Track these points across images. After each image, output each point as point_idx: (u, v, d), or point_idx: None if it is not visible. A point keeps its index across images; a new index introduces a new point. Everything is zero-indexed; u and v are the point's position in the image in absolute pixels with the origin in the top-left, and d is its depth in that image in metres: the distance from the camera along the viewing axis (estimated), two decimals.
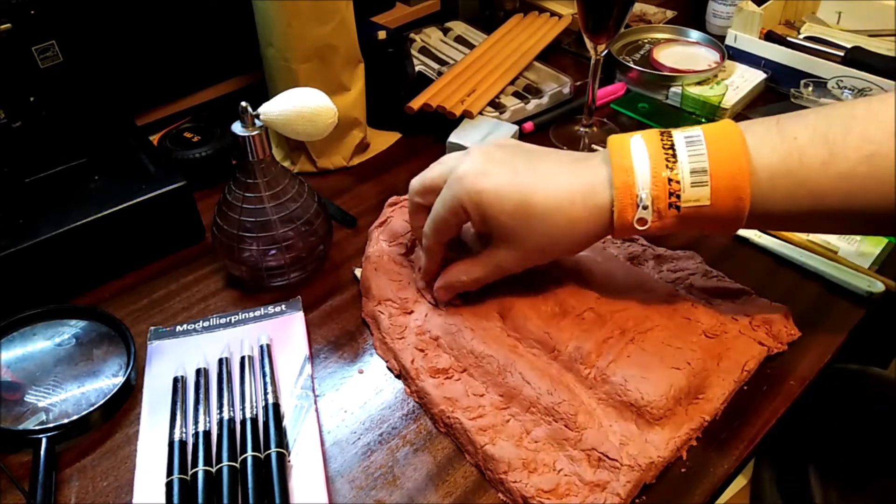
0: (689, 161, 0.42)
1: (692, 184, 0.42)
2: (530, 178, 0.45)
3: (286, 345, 0.52)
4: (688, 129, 0.43)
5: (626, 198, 0.43)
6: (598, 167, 0.44)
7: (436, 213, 0.48)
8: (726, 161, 0.41)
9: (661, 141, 0.43)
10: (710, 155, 0.42)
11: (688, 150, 0.42)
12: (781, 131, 0.42)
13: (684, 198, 0.42)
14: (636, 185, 0.42)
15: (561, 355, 0.47)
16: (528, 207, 0.44)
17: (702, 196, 0.42)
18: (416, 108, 0.73)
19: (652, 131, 0.44)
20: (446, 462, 0.45)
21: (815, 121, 0.41)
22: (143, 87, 0.70)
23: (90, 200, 0.56)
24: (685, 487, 0.43)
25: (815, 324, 0.52)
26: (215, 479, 0.43)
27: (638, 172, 0.43)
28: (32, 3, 0.54)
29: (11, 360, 0.50)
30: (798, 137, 0.41)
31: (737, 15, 0.83)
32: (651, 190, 0.42)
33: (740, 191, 0.41)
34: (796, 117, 0.42)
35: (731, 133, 0.42)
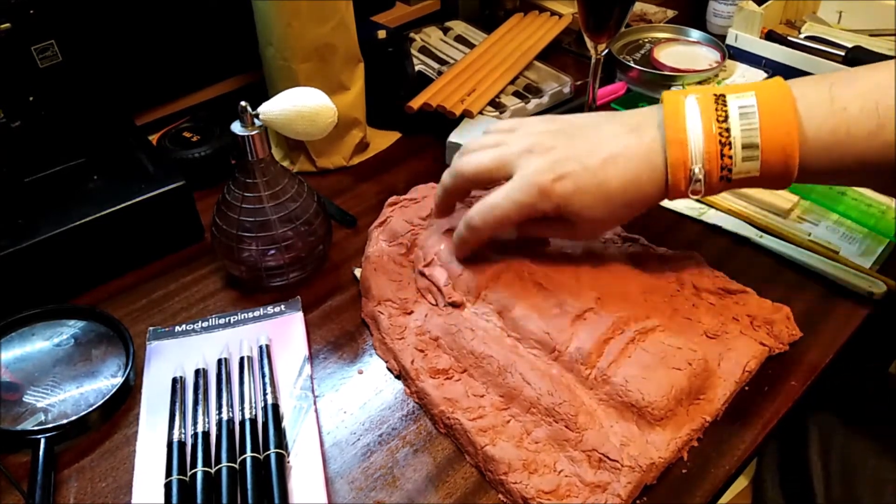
0: (741, 136, 0.43)
1: (744, 158, 0.43)
2: (600, 164, 0.46)
3: (285, 345, 0.52)
4: (742, 94, 0.44)
5: (680, 171, 0.44)
6: (653, 135, 0.45)
7: (503, 212, 0.47)
8: (778, 135, 0.43)
9: (716, 111, 0.44)
10: (762, 129, 0.43)
11: (741, 124, 0.43)
12: (833, 101, 0.42)
13: (735, 170, 0.44)
14: (690, 159, 0.44)
15: (561, 356, 0.47)
16: (606, 193, 0.46)
17: (752, 169, 0.44)
18: (415, 107, 0.73)
19: (706, 94, 0.45)
20: (446, 463, 0.45)
21: (866, 88, 0.42)
22: (142, 87, 0.70)
23: (89, 200, 0.56)
24: (686, 488, 0.43)
25: (816, 324, 0.52)
26: (214, 480, 0.43)
27: (692, 146, 0.44)
28: (32, 3, 0.54)
29: (10, 361, 0.50)
30: (847, 108, 0.42)
31: (738, 14, 0.83)
32: (704, 164, 0.44)
33: (789, 163, 0.43)
34: (848, 82, 0.43)
35: (783, 103, 0.43)
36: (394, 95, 0.73)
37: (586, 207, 0.46)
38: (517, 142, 0.48)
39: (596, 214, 0.46)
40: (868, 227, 0.59)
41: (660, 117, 0.45)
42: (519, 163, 0.47)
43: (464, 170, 0.50)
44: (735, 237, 0.60)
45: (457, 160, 0.51)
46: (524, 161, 0.47)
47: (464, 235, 0.50)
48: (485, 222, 0.48)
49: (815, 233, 0.59)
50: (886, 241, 0.58)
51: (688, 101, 0.45)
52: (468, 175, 0.49)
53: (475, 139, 0.51)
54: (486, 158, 0.48)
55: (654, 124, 0.46)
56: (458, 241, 0.51)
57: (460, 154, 0.51)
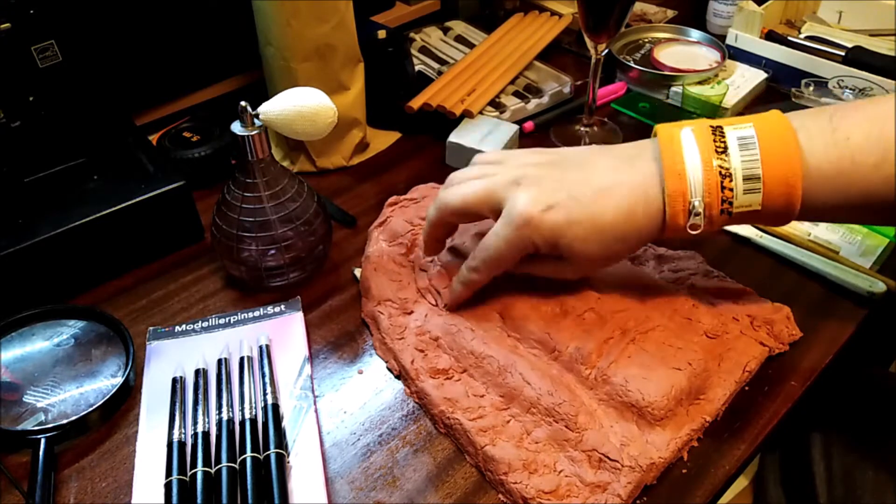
0: (742, 167, 0.41)
1: (745, 191, 0.42)
2: (591, 196, 0.44)
3: (285, 345, 0.52)
4: (740, 125, 0.42)
5: (679, 204, 0.42)
6: (648, 167, 0.44)
7: (497, 252, 0.46)
8: (779, 166, 0.41)
9: (714, 143, 0.42)
10: (763, 160, 0.41)
11: (741, 155, 0.42)
12: (834, 131, 0.41)
13: (736, 204, 0.42)
14: (689, 191, 0.42)
15: (561, 356, 0.47)
16: (598, 226, 0.44)
17: (753, 202, 0.42)
18: (415, 107, 0.73)
19: (703, 127, 0.43)
20: (446, 463, 0.45)
21: (869, 118, 0.41)
22: (142, 87, 0.70)
23: (89, 200, 0.56)
24: (686, 488, 0.43)
25: (816, 324, 0.52)
26: (214, 480, 0.43)
27: (691, 178, 0.42)
28: (32, 3, 0.54)
29: (10, 361, 0.50)
30: (851, 138, 0.41)
31: (737, 14, 0.83)
32: (704, 197, 0.42)
33: (791, 195, 0.41)
34: (850, 112, 0.42)
35: (783, 133, 0.41)
36: (394, 95, 0.73)
37: (578, 240, 0.44)
38: (505, 173, 0.46)
39: (588, 249, 0.44)
40: (868, 227, 0.59)
41: (655, 150, 0.44)
42: (507, 195, 0.45)
43: (449, 202, 0.48)
44: (735, 237, 0.60)
45: (442, 192, 0.49)
46: (512, 193, 0.45)
47: (467, 278, 0.49)
48: (482, 262, 0.47)
49: (815, 233, 0.59)
50: (886, 241, 0.58)
51: (683, 132, 0.43)
52: (453, 207, 0.48)
53: (461, 171, 0.50)
54: (471, 190, 0.47)
55: (650, 157, 0.44)
56: (462, 285, 0.50)
57: (445, 186, 0.49)
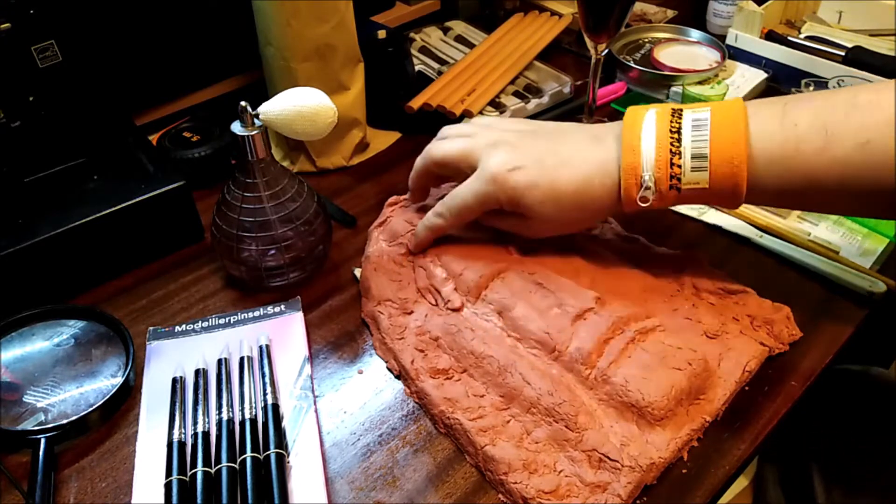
0: (691, 146, 0.45)
1: (692, 168, 0.45)
2: (555, 164, 0.48)
3: (285, 345, 0.52)
4: (699, 109, 0.46)
5: (631, 178, 0.46)
6: (611, 145, 0.47)
7: (463, 202, 0.50)
8: (726, 147, 0.44)
9: (671, 122, 0.45)
10: (712, 141, 0.44)
11: (692, 135, 0.45)
12: (784, 117, 0.44)
13: (684, 180, 0.45)
14: (641, 166, 0.45)
15: (561, 356, 0.47)
16: (556, 192, 0.48)
17: (701, 179, 0.45)
18: (415, 107, 0.73)
19: (665, 109, 0.47)
20: (446, 463, 0.45)
21: (818, 106, 0.43)
22: (142, 87, 0.70)
23: (89, 200, 0.56)
24: (686, 488, 0.43)
25: (816, 324, 0.52)
26: (214, 480, 0.43)
27: (644, 154, 0.45)
28: (32, 3, 0.54)
29: (10, 361, 0.50)
30: (798, 124, 0.43)
31: (737, 14, 0.83)
32: (654, 172, 0.45)
33: (737, 176, 0.44)
34: (803, 101, 0.44)
35: (735, 118, 0.44)
36: (394, 95, 0.73)
37: (537, 203, 0.48)
38: (486, 136, 0.50)
39: (546, 211, 0.48)
40: (868, 227, 0.59)
41: (620, 129, 0.47)
42: (482, 154, 0.49)
43: (433, 153, 0.53)
44: (735, 237, 0.60)
45: (431, 144, 0.54)
46: (486, 153, 0.49)
47: (431, 222, 0.53)
48: (449, 210, 0.51)
49: (815, 233, 0.59)
50: (886, 241, 0.58)
51: (647, 114, 0.47)
52: (436, 159, 0.52)
53: (453, 126, 0.55)
54: (455, 147, 0.51)
55: (615, 135, 0.48)
56: (424, 229, 0.53)
57: (437, 139, 0.54)
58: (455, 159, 0.51)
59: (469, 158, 0.50)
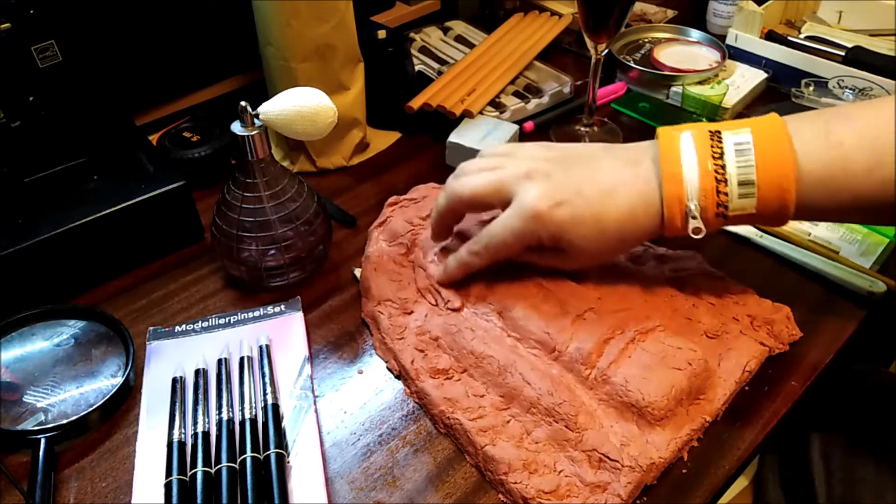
0: (737, 173, 0.43)
1: (740, 195, 0.43)
2: (597, 196, 0.45)
3: (285, 345, 0.52)
4: (737, 130, 0.44)
5: (676, 206, 0.44)
6: (649, 170, 0.45)
7: (500, 240, 0.47)
8: (774, 171, 0.42)
9: (712, 148, 0.43)
10: (758, 166, 0.42)
11: (737, 161, 0.43)
12: (828, 136, 0.42)
13: (731, 207, 0.43)
14: (685, 195, 0.44)
15: (561, 356, 0.47)
16: (601, 226, 0.45)
17: (748, 206, 0.43)
18: (415, 107, 0.72)
19: (702, 131, 0.44)
20: (446, 463, 0.45)
21: (863, 125, 0.42)
22: (142, 87, 0.70)
23: (89, 200, 0.56)
24: (686, 488, 0.43)
25: (816, 324, 0.52)
26: (214, 480, 0.43)
27: (687, 182, 0.44)
28: (32, 3, 0.54)
29: (10, 361, 0.50)
30: (844, 143, 0.42)
31: (738, 14, 0.83)
32: (700, 201, 0.43)
33: (785, 199, 0.43)
34: (845, 120, 0.43)
35: (779, 139, 0.42)
36: (394, 95, 0.73)
37: (581, 237, 0.46)
38: (515, 166, 0.47)
39: (590, 246, 0.46)
40: (868, 227, 0.59)
41: (655, 152, 0.45)
42: (517, 188, 0.46)
43: (460, 192, 0.49)
44: (735, 237, 0.60)
45: (452, 182, 0.50)
46: (522, 187, 0.46)
47: (465, 260, 0.50)
48: (486, 248, 0.48)
49: (815, 233, 0.59)
50: (886, 241, 0.58)
51: (683, 136, 0.44)
52: (464, 198, 0.49)
53: (471, 161, 0.51)
54: (483, 181, 0.48)
55: (651, 158, 0.46)
56: (458, 265, 0.51)
57: (456, 176, 0.50)
58: (486, 195, 0.48)
59: (502, 193, 0.47)
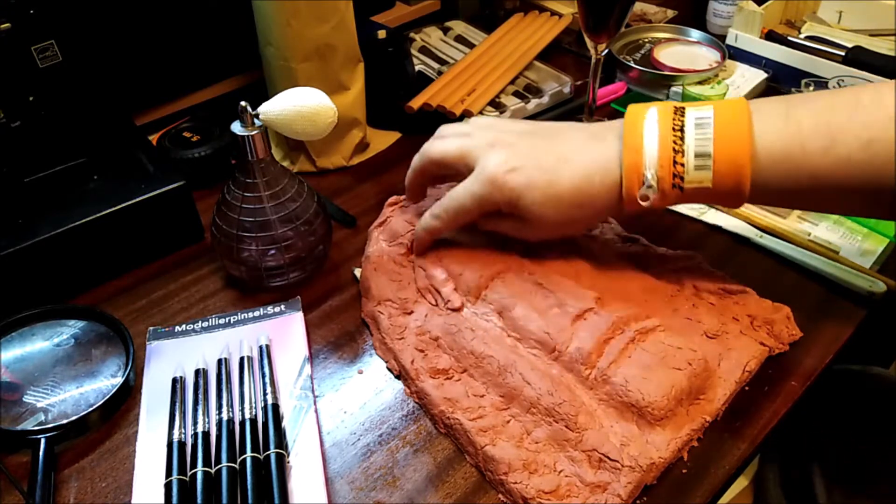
0: (695, 145, 0.44)
1: (696, 167, 0.44)
2: (553, 163, 0.47)
3: (285, 345, 0.52)
4: (702, 107, 0.45)
5: (633, 176, 0.45)
6: (612, 143, 0.47)
7: (460, 203, 0.50)
8: (730, 146, 0.43)
9: (673, 121, 0.45)
10: (715, 140, 0.43)
11: (696, 133, 0.44)
12: (788, 116, 0.43)
13: (687, 179, 0.44)
14: (643, 164, 0.45)
15: (561, 356, 0.47)
16: (555, 191, 0.47)
17: (704, 178, 0.44)
18: (415, 107, 0.72)
19: (667, 106, 0.46)
20: (446, 463, 0.45)
21: (821, 106, 0.43)
22: (142, 87, 0.70)
23: (89, 200, 0.56)
24: (686, 488, 0.43)
25: (816, 324, 0.52)
26: (214, 480, 0.43)
27: (647, 153, 0.45)
28: (32, 3, 0.54)
29: (10, 361, 0.50)
30: (802, 123, 0.43)
31: (738, 14, 0.83)
32: (657, 170, 0.45)
33: (741, 175, 0.43)
34: (805, 101, 0.44)
35: (739, 117, 0.44)
36: (394, 95, 0.73)
37: (535, 203, 0.47)
38: (485, 136, 0.50)
39: (545, 212, 0.47)
40: (868, 227, 0.59)
41: (622, 127, 0.47)
42: (480, 154, 0.49)
43: (430, 152, 0.52)
44: (735, 237, 0.60)
45: (428, 142, 0.53)
46: (484, 153, 0.48)
47: (428, 224, 0.52)
48: (446, 212, 0.51)
49: (815, 233, 0.59)
50: (886, 241, 0.58)
51: (649, 112, 0.46)
52: (433, 158, 0.52)
53: (449, 125, 0.54)
54: (452, 146, 0.51)
55: (616, 134, 0.47)
56: (422, 231, 0.53)
57: (434, 138, 0.53)
58: (452, 159, 0.50)
59: (466, 158, 0.50)
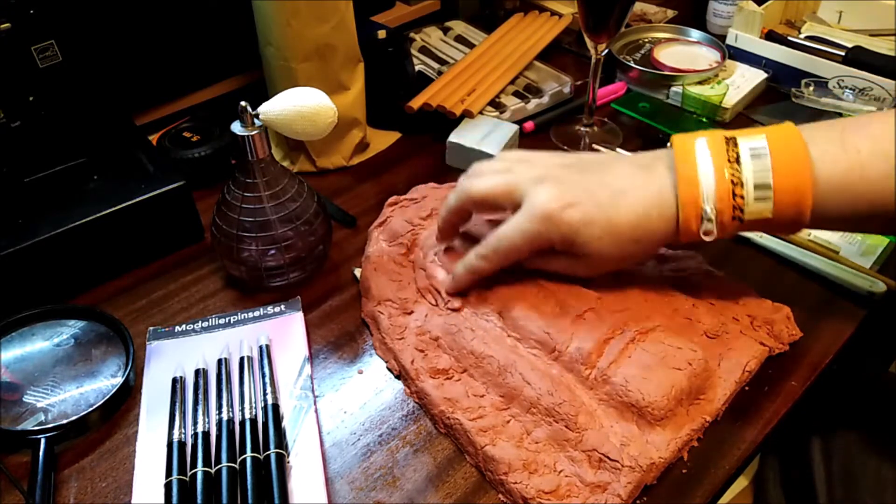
0: (753, 176, 0.43)
1: (756, 198, 0.43)
2: (609, 198, 0.45)
3: (285, 345, 0.52)
4: (752, 136, 0.44)
5: (692, 210, 0.44)
6: (664, 175, 0.45)
7: (510, 243, 0.47)
8: (790, 176, 0.42)
9: (727, 152, 0.43)
10: (774, 170, 0.42)
11: (753, 164, 0.43)
12: (844, 143, 0.42)
13: (747, 211, 0.43)
14: (701, 197, 0.44)
15: (562, 356, 0.47)
16: (614, 226, 0.45)
17: (764, 210, 0.43)
18: (415, 107, 0.73)
19: (717, 136, 0.45)
20: (446, 463, 0.45)
21: (879, 132, 0.42)
22: (142, 87, 0.70)
23: (89, 200, 0.56)
24: (686, 488, 0.43)
25: (816, 324, 0.52)
26: (214, 480, 0.43)
27: (703, 185, 0.43)
28: (32, 3, 0.54)
29: (10, 361, 0.50)
30: (861, 150, 0.42)
31: (738, 14, 0.83)
32: (716, 203, 0.43)
33: (802, 205, 0.43)
34: (860, 127, 0.43)
35: (795, 145, 0.43)
36: (394, 95, 0.73)
37: (594, 239, 0.45)
38: (528, 170, 0.48)
39: (603, 248, 0.46)
40: None
41: (671, 158, 0.45)
42: (528, 191, 0.46)
43: (471, 191, 0.49)
44: (735, 237, 0.60)
45: (464, 181, 0.50)
46: (533, 189, 0.46)
47: (473, 265, 0.50)
48: (496, 252, 0.48)
49: (815, 233, 0.59)
50: (886, 241, 0.58)
51: (698, 142, 0.44)
52: (475, 197, 0.49)
53: (484, 163, 0.51)
54: (495, 182, 0.48)
55: (666, 164, 0.46)
56: (466, 271, 0.50)
57: (468, 176, 0.51)
58: (497, 196, 0.48)
59: (513, 195, 0.47)
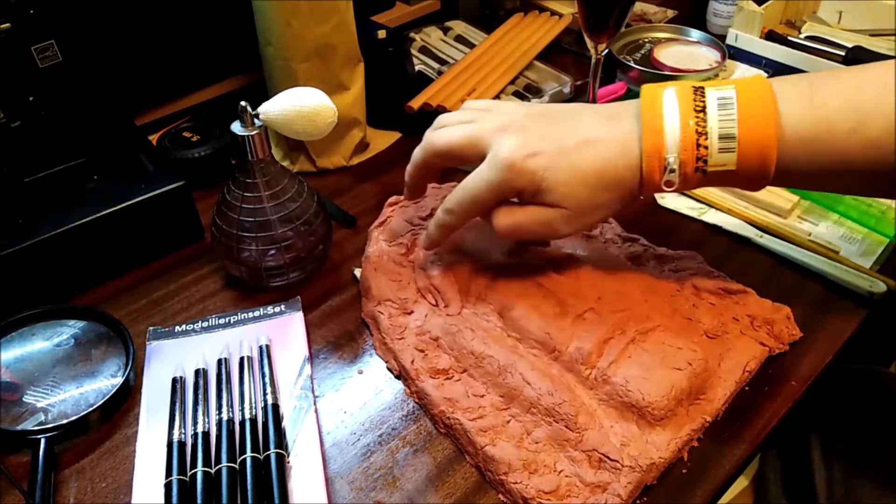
0: (718, 126, 0.42)
1: (720, 149, 0.42)
2: (573, 145, 0.45)
3: (285, 345, 0.52)
4: (722, 87, 0.43)
5: (654, 160, 0.43)
6: (630, 124, 0.44)
7: (474, 194, 0.46)
8: (756, 127, 0.41)
9: (694, 101, 0.43)
10: (739, 120, 0.42)
11: (719, 115, 0.42)
12: (813, 96, 0.42)
13: (711, 162, 0.43)
14: (665, 148, 0.43)
15: (561, 356, 0.47)
16: (578, 174, 0.44)
17: (728, 161, 0.42)
18: (416, 107, 0.72)
19: (686, 86, 0.44)
20: (446, 463, 0.45)
21: (847, 86, 0.42)
22: (142, 87, 0.70)
23: (89, 200, 0.56)
24: (686, 488, 0.43)
25: (816, 324, 0.52)
26: (214, 480, 0.43)
27: (668, 135, 0.43)
28: (32, 3, 0.54)
29: (10, 361, 0.50)
30: (829, 103, 0.41)
31: (738, 14, 0.83)
32: (679, 154, 0.43)
33: (766, 157, 0.42)
34: (830, 80, 0.42)
35: (763, 96, 0.42)
36: (394, 95, 0.73)
37: (560, 184, 0.44)
38: (492, 120, 0.47)
39: (572, 193, 0.45)
40: (868, 227, 0.59)
41: (637, 108, 0.45)
42: (492, 140, 0.46)
43: (435, 144, 0.48)
44: (735, 237, 0.60)
45: (428, 134, 0.50)
46: (497, 138, 0.45)
47: (441, 220, 0.49)
48: (459, 205, 0.48)
49: (815, 233, 0.59)
50: (886, 241, 0.58)
51: (666, 92, 0.44)
52: (439, 149, 0.48)
53: (449, 114, 0.51)
54: (459, 133, 0.47)
55: (632, 114, 0.45)
56: (435, 227, 0.50)
57: (433, 128, 0.50)
58: (461, 147, 0.47)
59: (477, 145, 0.46)
